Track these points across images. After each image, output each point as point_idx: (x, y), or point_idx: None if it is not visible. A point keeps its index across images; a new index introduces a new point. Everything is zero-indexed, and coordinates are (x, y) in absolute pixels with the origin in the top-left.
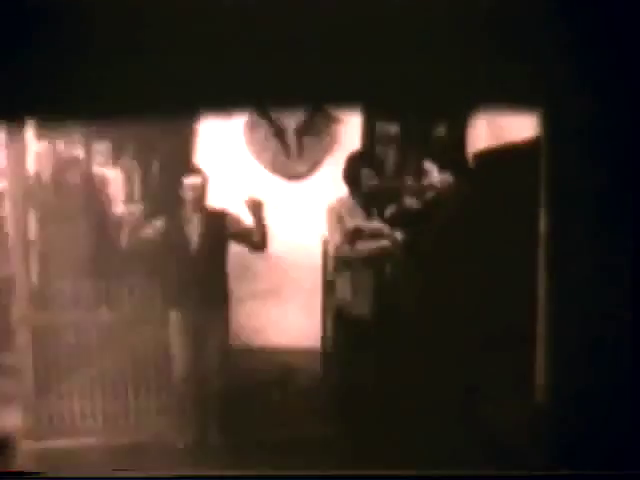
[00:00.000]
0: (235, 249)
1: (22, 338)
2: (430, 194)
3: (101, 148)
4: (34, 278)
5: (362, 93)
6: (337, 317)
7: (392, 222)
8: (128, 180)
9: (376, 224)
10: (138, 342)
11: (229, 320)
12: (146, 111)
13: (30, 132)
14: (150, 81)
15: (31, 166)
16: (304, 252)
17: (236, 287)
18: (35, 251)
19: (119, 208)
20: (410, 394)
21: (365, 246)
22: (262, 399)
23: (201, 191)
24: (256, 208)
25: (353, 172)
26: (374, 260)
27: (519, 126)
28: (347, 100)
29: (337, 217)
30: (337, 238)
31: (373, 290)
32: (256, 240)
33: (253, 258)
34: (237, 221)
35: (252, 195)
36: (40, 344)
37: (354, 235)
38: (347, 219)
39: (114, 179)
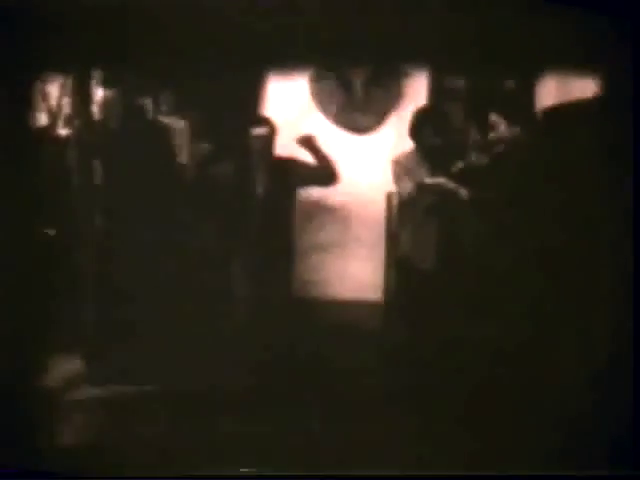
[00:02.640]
0: (299, 201)
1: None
2: (498, 148)
3: (167, 97)
4: (99, 228)
5: (429, 46)
6: (400, 270)
7: (458, 177)
8: (194, 130)
9: (441, 179)
10: (200, 291)
11: (293, 271)
12: (212, 61)
13: (95, 79)
14: (216, 31)
15: (96, 114)
16: (368, 205)
17: (299, 239)
18: (100, 200)
19: (185, 158)
20: (472, 350)
21: (430, 200)
22: (323, 352)
23: (268, 141)
24: (309, 143)
25: (419, 126)
26: (438, 214)
27: (589, 85)
28: (414, 53)
29: (402, 171)
30: (402, 192)
31: (437, 244)
32: (325, 174)
33: (317, 210)
34: (303, 164)
35: (301, 133)
36: (104, 294)
37: (419, 189)
38: (412, 173)
39: (180, 129)
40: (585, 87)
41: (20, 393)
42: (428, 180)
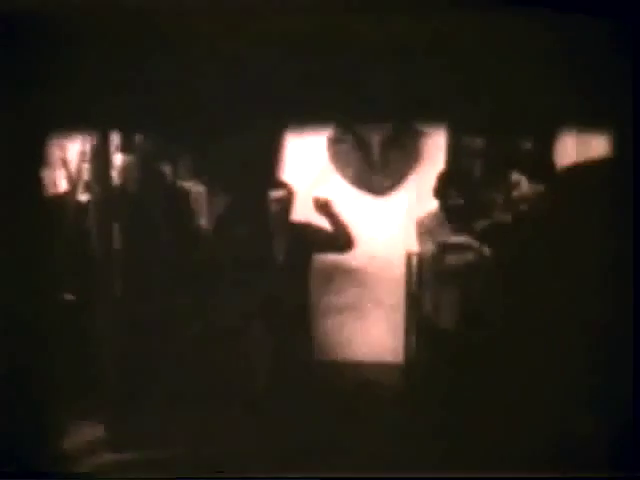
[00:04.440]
0: (317, 263)
1: (105, 352)
2: (519, 206)
3: (186, 162)
4: (117, 291)
5: (447, 106)
6: (421, 332)
7: (481, 236)
8: (212, 194)
9: (464, 238)
10: (220, 354)
11: (312, 334)
12: (231, 125)
13: (115, 144)
14: (235, 95)
15: (115, 179)
16: (388, 267)
17: (318, 301)
18: (118, 264)
19: (203, 222)
20: (493, 409)
21: (453, 260)
22: (344, 413)
23: (286, 205)
24: (325, 208)
25: (440, 186)
26: (461, 274)
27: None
28: (432, 114)
29: (423, 231)
30: (422, 253)
31: (458, 305)
32: (341, 241)
33: (335, 272)
34: (320, 229)
35: (317, 195)
36: (123, 357)
37: (442, 249)
38: (435, 233)
39: (198, 193)
40: (602, 145)
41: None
42: (450, 240)
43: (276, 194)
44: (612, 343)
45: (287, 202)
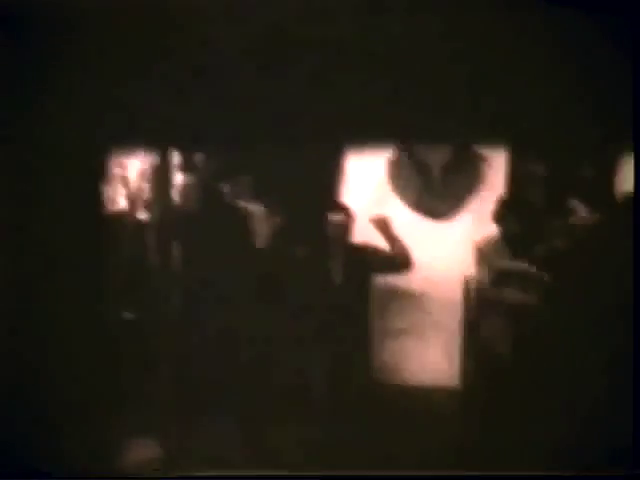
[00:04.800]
0: (376, 285)
1: (165, 370)
2: (578, 233)
3: (246, 182)
4: (177, 310)
5: (508, 131)
6: (477, 357)
7: (540, 263)
8: (271, 215)
9: (523, 265)
10: (278, 374)
11: (369, 356)
12: (291, 146)
13: (175, 163)
14: (295, 115)
15: (175, 197)
16: (446, 291)
17: (376, 324)
18: (176, 282)
19: (262, 242)
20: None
21: (511, 286)
22: (400, 436)
23: (345, 227)
24: (383, 225)
25: (500, 211)
26: (520, 301)
27: None
28: (492, 138)
29: (484, 256)
30: (483, 277)
31: (517, 331)
32: (398, 261)
33: (394, 295)
34: (377, 250)
35: (377, 213)
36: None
37: (500, 275)
38: (494, 259)
39: (258, 214)
40: None
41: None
42: (508, 266)
43: (335, 216)
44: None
45: (346, 224)
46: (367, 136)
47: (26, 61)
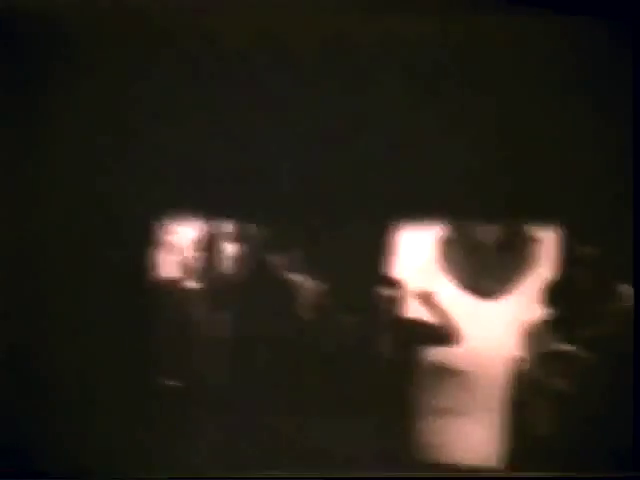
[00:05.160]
0: (422, 361)
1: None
2: (623, 318)
3: (296, 254)
4: (223, 379)
5: (559, 212)
6: (521, 439)
7: (588, 346)
8: (321, 287)
9: (570, 347)
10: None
11: (413, 433)
12: (339, 220)
13: (228, 233)
14: (346, 189)
15: (226, 268)
16: (492, 370)
17: (421, 400)
18: (227, 353)
19: (311, 315)
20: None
21: (557, 369)
22: None
23: (394, 301)
24: (428, 299)
25: (548, 294)
26: (564, 384)
27: None
28: (544, 218)
29: (531, 338)
30: (529, 358)
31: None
32: (445, 334)
33: (440, 373)
34: (425, 324)
35: (421, 288)
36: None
37: (547, 357)
38: (541, 341)
39: (306, 286)
40: None
41: None
42: (554, 348)
43: (384, 290)
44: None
45: (394, 298)
46: (417, 212)
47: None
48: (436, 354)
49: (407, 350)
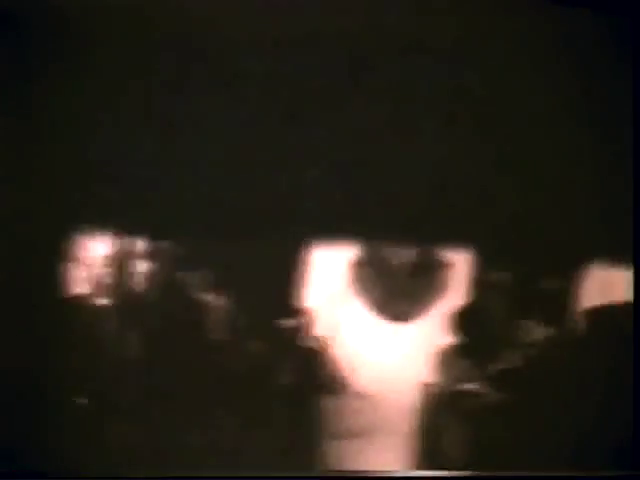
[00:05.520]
0: (329, 385)
1: None
2: (532, 352)
3: (206, 274)
4: (130, 396)
5: (474, 238)
6: (429, 464)
7: (493, 378)
8: (231, 308)
9: (472, 386)
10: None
11: (318, 457)
12: (253, 241)
13: (139, 250)
14: (259, 209)
15: (137, 285)
16: (401, 396)
17: (327, 424)
18: (133, 372)
19: (221, 335)
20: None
21: (464, 398)
22: None
23: (301, 329)
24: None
25: (458, 321)
26: (472, 412)
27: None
28: (458, 244)
29: (439, 364)
30: (436, 385)
31: (465, 442)
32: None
33: (347, 397)
34: (330, 358)
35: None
36: None
37: (452, 385)
38: (448, 368)
39: (216, 306)
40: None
41: None
42: (460, 377)
43: (291, 320)
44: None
45: (302, 326)
46: (331, 233)
47: None
48: (345, 378)
49: (313, 377)
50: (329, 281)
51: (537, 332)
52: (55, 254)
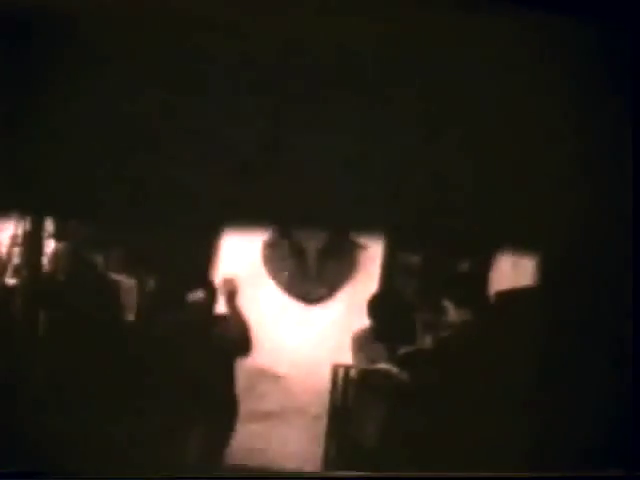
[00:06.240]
0: (242, 366)
1: None
2: (445, 333)
3: (119, 254)
4: (41, 379)
5: (385, 221)
6: (341, 444)
7: (403, 359)
8: (142, 288)
9: (385, 366)
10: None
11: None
12: (164, 223)
13: (47, 231)
14: (170, 190)
15: (46, 265)
16: (313, 376)
17: (240, 406)
18: (42, 351)
19: (132, 316)
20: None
21: (376, 380)
22: None
23: (209, 304)
24: (230, 291)
25: (372, 303)
26: (380, 394)
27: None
28: (370, 227)
29: (351, 345)
30: (351, 366)
31: (378, 421)
32: (237, 338)
33: (260, 378)
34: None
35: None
36: None
37: (366, 368)
38: (360, 349)
39: (129, 287)
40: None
41: None
42: (373, 359)
43: (199, 294)
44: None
45: (210, 301)
46: (243, 215)
47: None
48: (258, 358)
49: (223, 355)
50: (242, 263)
51: (450, 314)
52: None
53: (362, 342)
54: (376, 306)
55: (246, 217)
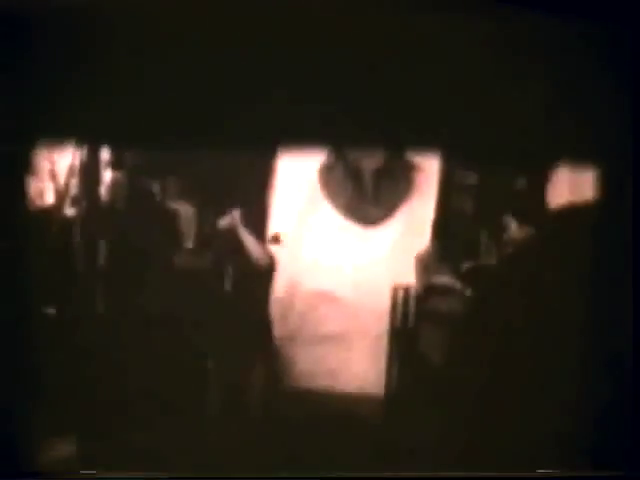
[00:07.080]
0: (302, 290)
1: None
2: (507, 249)
3: (175, 182)
4: (101, 309)
5: (442, 141)
6: (404, 365)
7: (467, 277)
8: (200, 216)
9: (448, 279)
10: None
11: (293, 362)
12: (221, 148)
13: (105, 160)
14: (226, 117)
15: (104, 195)
16: (374, 298)
17: (301, 330)
18: (102, 281)
19: (190, 243)
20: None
21: (437, 299)
22: (323, 444)
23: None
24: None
25: (429, 222)
26: (444, 312)
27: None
28: (426, 147)
29: (411, 266)
30: (409, 287)
31: (443, 341)
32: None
33: (321, 301)
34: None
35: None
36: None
37: (427, 287)
38: (421, 269)
39: (186, 215)
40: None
41: None
42: (436, 278)
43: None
44: (611, 342)
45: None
46: (300, 139)
47: None
48: (318, 282)
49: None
50: (298, 187)
51: (509, 233)
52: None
53: (419, 262)
54: (436, 225)
55: (302, 141)
